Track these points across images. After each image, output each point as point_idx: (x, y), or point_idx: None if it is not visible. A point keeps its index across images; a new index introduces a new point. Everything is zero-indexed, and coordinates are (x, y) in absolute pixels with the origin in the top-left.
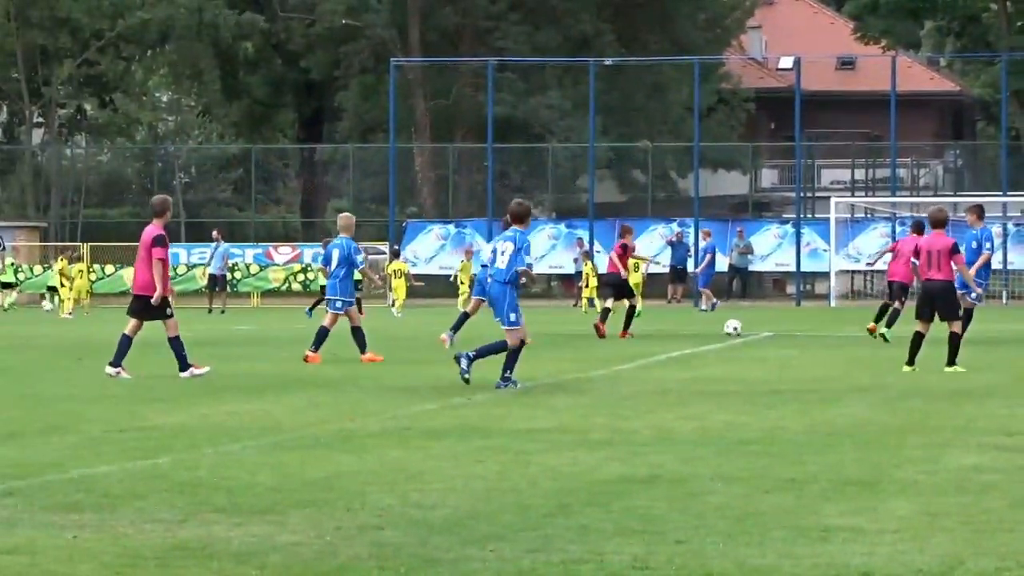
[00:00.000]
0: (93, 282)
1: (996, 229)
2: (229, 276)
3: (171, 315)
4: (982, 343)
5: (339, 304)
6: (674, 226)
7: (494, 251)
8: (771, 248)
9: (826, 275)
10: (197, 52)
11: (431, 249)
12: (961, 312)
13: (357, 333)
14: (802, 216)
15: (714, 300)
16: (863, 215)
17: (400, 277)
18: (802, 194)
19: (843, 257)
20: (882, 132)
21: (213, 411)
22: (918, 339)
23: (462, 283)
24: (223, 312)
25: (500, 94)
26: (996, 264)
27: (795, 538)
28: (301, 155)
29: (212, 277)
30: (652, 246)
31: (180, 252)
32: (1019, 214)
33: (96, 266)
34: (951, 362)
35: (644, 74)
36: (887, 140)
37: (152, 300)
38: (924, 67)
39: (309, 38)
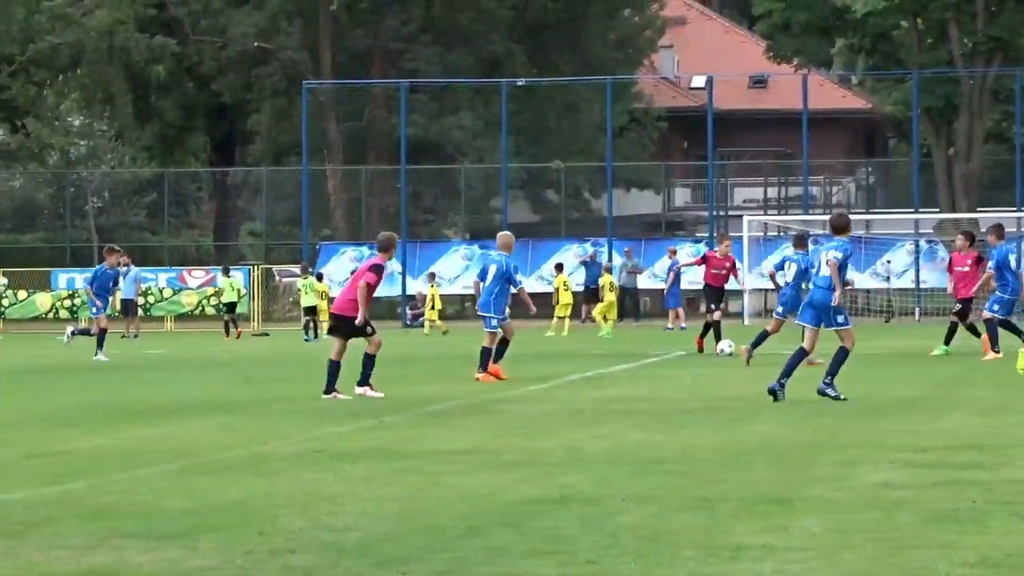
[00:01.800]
0: (5, 307)
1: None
2: (142, 300)
3: (372, 332)
4: (894, 358)
5: (494, 322)
6: (587, 246)
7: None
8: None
9: (739, 293)
10: (108, 76)
11: (344, 272)
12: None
13: (502, 345)
14: (715, 235)
15: (683, 324)
16: (776, 233)
17: (324, 299)
18: (715, 213)
19: (756, 275)
20: (794, 150)
21: (126, 435)
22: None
23: (432, 308)
24: (136, 336)
25: (412, 116)
26: (908, 283)
27: (706, 557)
28: (214, 178)
29: (124, 302)
30: (567, 266)
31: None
32: (931, 231)
33: (9, 291)
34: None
35: (556, 94)
36: (799, 158)
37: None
38: (836, 85)
39: (221, 61)
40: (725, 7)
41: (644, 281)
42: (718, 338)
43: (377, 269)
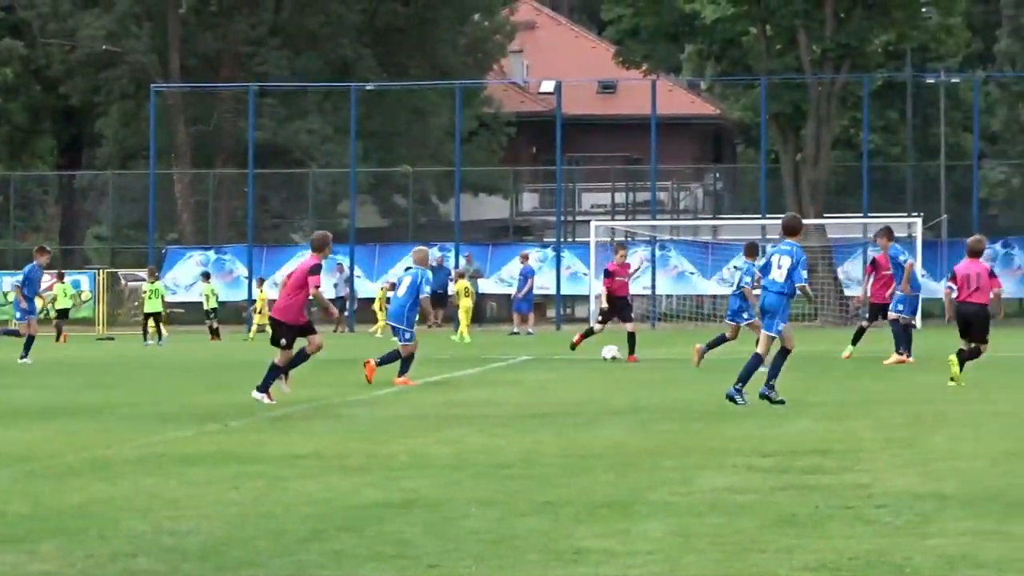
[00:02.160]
0: None
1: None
2: None
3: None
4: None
5: (407, 335)
6: (435, 251)
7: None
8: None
9: (586, 299)
10: None
11: (191, 276)
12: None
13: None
14: (563, 240)
15: (530, 329)
16: (624, 238)
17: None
18: (563, 218)
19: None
20: (643, 155)
21: None
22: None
23: (259, 312)
24: None
25: (261, 119)
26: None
27: (548, 561)
28: (60, 182)
29: None
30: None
31: None
32: (779, 236)
33: None
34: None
35: (405, 99)
36: (647, 163)
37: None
38: (685, 91)
39: (69, 64)
40: (575, 12)
41: (490, 286)
42: (633, 348)
43: (316, 270)
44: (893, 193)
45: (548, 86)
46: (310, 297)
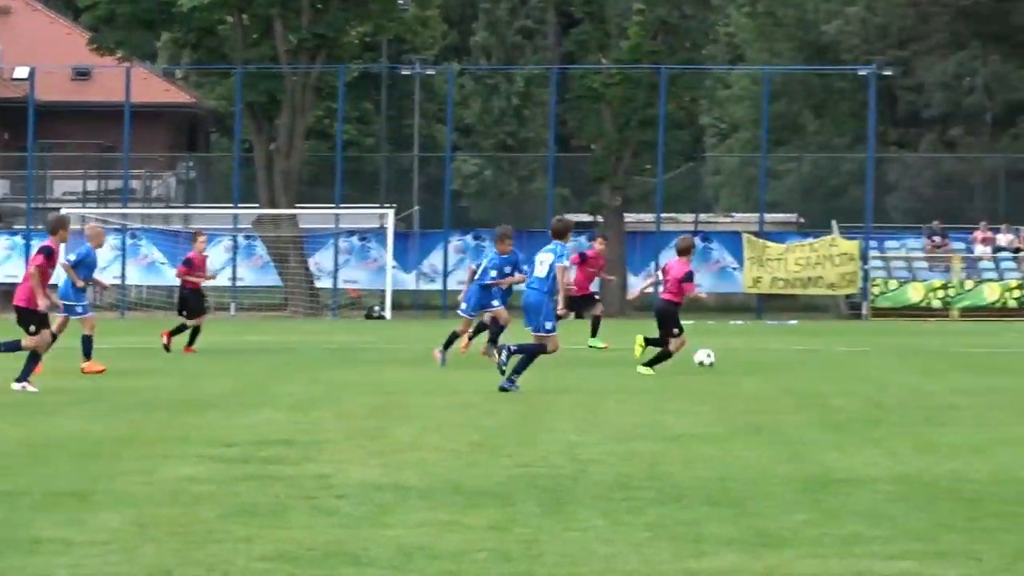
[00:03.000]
0: None
1: (226, 242)
2: None
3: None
4: (212, 352)
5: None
6: None
7: (531, 263)
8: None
9: None
10: None
11: None
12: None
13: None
14: (33, 227)
15: None
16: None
17: None
18: (33, 205)
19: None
20: (116, 143)
21: None
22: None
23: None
24: None
25: None
26: (225, 280)
27: (4, 550)
28: None
29: None
30: None
31: None
32: (249, 227)
33: None
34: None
35: None
36: (121, 151)
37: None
38: (160, 79)
39: None
40: None
41: None
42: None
43: (46, 251)
44: (367, 184)
45: (22, 72)
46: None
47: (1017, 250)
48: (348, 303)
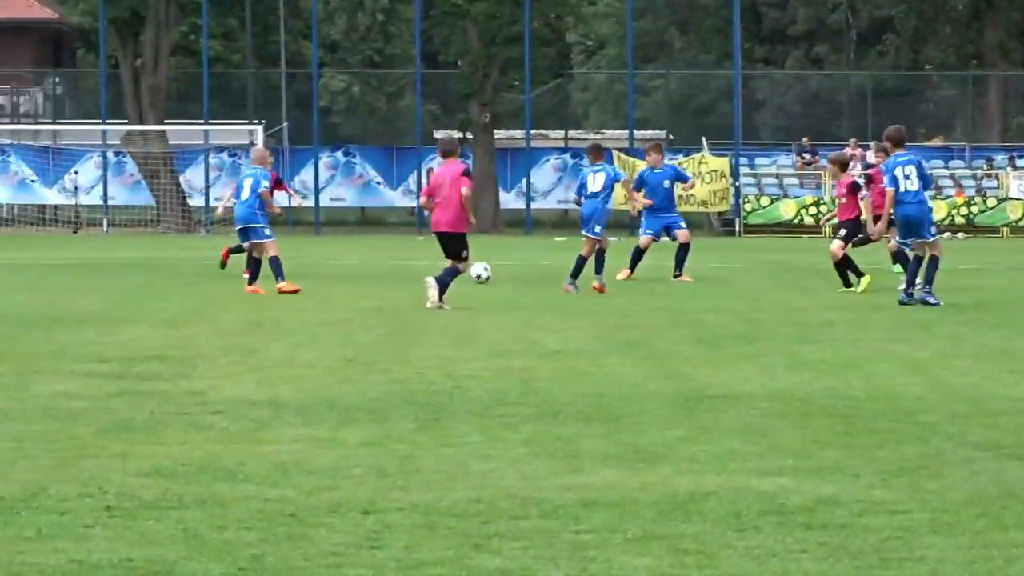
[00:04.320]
0: None
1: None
2: None
3: None
4: (84, 268)
5: (267, 231)
6: None
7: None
8: None
9: None
10: None
11: None
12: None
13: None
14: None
15: None
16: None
17: None
18: None
19: None
20: None
21: None
22: None
23: None
24: None
25: None
26: (97, 198)
27: None
28: None
29: None
30: None
31: None
32: (118, 142)
33: None
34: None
35: None
36: None
37: None
38: None
39: None
40: None
41: None
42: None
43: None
44: (235, 100)
45: None
46: None
47: None
48: (220, 219)
